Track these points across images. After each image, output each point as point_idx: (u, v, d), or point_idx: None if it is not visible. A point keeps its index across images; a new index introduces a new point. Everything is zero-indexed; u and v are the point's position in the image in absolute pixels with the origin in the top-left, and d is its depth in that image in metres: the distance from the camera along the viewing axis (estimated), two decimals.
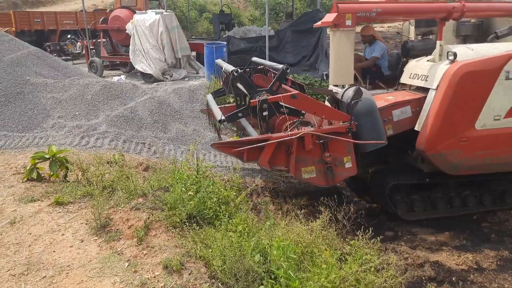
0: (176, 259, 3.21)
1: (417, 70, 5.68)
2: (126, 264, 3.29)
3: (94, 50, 15.44)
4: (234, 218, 3.80)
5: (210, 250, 3.39)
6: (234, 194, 4.23)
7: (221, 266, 3.18)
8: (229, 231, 3.61)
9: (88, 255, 3.44)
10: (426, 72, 5.41)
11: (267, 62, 6.29)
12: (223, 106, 6.51)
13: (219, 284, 3.12)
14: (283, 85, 5.37)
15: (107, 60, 14.48)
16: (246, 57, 9.79)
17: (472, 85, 4.93)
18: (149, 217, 3.78)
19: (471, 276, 4.42)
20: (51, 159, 4.95)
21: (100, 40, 14.69)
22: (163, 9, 14.20)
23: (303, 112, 4.94)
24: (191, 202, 3.92)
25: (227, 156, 7.28)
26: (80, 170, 5.03)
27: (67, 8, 27.77)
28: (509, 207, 5.93)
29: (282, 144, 4.74)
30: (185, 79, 11.85)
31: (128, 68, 13.53)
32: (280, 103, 4.61)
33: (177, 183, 4.19)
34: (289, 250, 3.27)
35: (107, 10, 18.22)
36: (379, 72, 7.01)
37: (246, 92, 4.96)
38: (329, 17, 5.29)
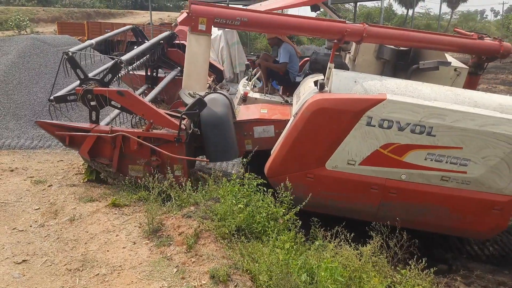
0: (223, 270, 3.23)
1: (302, 88, 5.16)
2: (175, 269, 3.36)
3: None
4: (282, 235, 3.77)
5: (257, 264, 3.38)
6: (283, 211, 4.20)
7: (267, 282, 3.16)
8: (277, 248, 3.59)
9: (139, 257, 3.55)
10: (302, 94, 4.87)
11: None
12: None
13: None
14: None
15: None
16: None
17: (326, 123, 4.38)
18: (199, 226, 3.84)
19: None
20: None
21: None
22: None
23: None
24: (240, 215, 3.94)
25: None
26: None
27: (135, 21, 29.30)
28: None
29: (107, 137, 4.73)
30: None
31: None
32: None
33: (228, 195, 4.24)
34: (337, 272, 3.20)
35: (172, 24, 18.97)
36: (286, 78, 6.46)
37: (78, 78, 4.89)
38: (181, 17, 4.66)
